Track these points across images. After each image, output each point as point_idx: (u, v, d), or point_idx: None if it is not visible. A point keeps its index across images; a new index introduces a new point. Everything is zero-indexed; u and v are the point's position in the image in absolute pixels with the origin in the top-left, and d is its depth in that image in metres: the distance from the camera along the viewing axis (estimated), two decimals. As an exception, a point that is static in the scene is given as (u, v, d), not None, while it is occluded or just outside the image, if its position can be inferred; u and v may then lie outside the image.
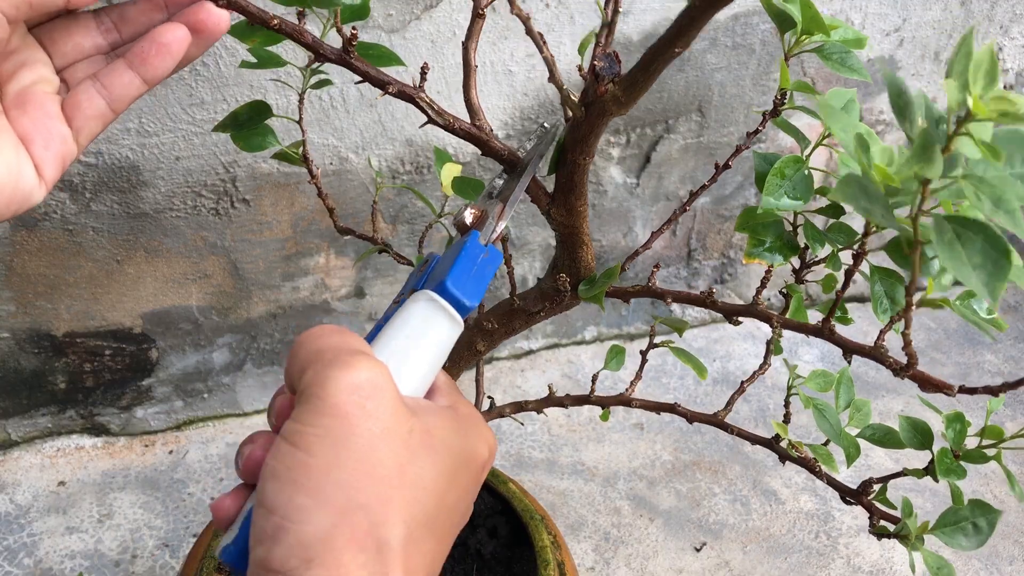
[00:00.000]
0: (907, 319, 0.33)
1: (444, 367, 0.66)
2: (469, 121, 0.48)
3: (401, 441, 0.33)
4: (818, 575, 0.97)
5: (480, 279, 0.41)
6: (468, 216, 0.43)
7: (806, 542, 1.01)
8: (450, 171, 0.59)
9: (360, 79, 0.46)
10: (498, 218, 0.43)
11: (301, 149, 0.58)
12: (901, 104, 0.24)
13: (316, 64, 0.47)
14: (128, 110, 0.85)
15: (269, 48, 0.50)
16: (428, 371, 0.39)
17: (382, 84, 0.46)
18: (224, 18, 0.41)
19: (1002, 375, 1.29)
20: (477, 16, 0.48)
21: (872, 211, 0.24)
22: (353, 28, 0.44)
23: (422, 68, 0.49)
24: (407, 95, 0.46)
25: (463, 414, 0.38)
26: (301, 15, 0.46)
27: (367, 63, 0.46)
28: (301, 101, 0.57)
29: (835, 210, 0.42)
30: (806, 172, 0.38)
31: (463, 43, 0.48)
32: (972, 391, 0.36)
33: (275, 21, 0.43)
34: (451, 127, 0.47)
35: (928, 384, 0.36)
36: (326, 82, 0.55)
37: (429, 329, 0.39)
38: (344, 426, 0.32)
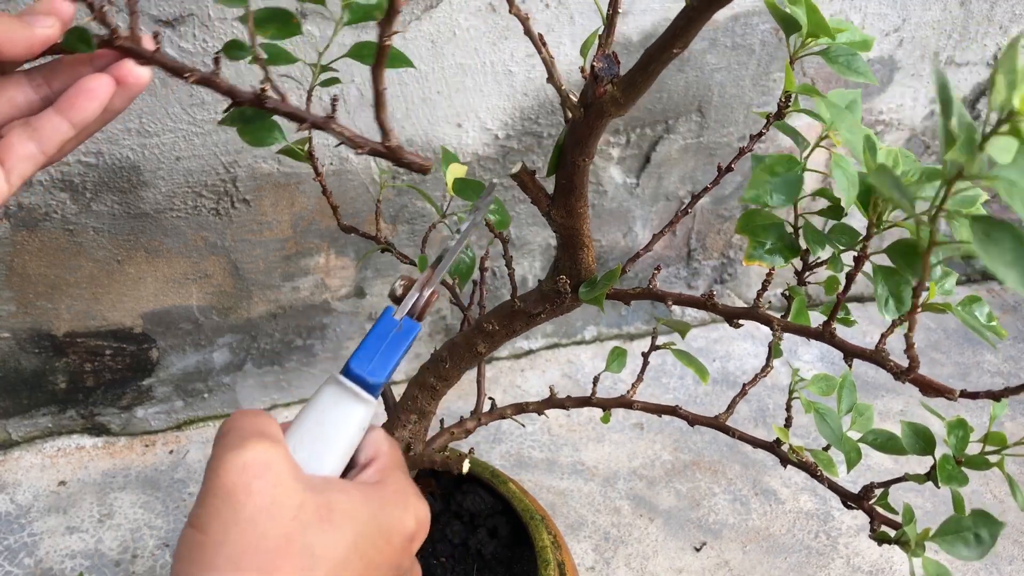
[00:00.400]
0: (911, 322, 0.33)
1: (445, 367, 0.66)
2: (380, 140, 0.49)
3: (289, 515, 0.36)
4: (818, 575, 0.97)
5: (389, 355, 0.43)
6: (399, 288, 0.46)
7: (806, 542, 1.01)
8: (455, 171, 0.59)
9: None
10: (422, 286, 0.46)
11: (308, 145, 0.58)
12: (946, 100, 0.24)
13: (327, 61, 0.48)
14: (128, 110, 0.85)
15: (280, 43, 0.50)
16: (340, 451, 0.42)
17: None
18: (144, 75, 0.43)
19: (1002, 375, 1.29)
20: (382, 48, 0.47)
21: (902, 200, 0.24)
22: (335, 96, 0.45)
23: (332, 99, 0.50)
24: (319, 126, 0.47)
25: (389, 490, 0.41)
26: (216, 61, 0.45)
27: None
28: (309, 98, 0.56)
29: (835, 212, 0.42)
30: (799, 173, 0.37)
31: (371, 68, 0.46)
32: (974, 396, 0.36)
33: (188, 74, 0.43)
34: (363, 149, 0.47)
35: (929, 388, 0.36)
36: (334, 80, 0.54)
37: (336, 412, 0.42)
38: (231, 504, 0.35)
